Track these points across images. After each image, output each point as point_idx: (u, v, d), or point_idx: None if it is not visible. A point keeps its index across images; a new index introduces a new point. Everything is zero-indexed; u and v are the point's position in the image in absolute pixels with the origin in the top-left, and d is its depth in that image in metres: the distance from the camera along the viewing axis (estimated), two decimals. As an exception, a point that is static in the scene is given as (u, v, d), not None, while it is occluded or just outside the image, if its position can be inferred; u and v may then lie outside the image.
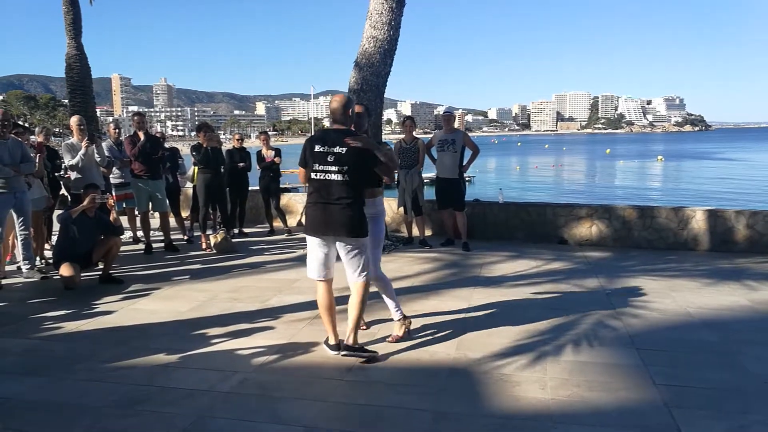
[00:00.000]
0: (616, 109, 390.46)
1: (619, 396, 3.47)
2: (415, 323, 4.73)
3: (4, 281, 6.20)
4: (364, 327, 4.56)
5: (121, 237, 6.64)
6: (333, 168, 3.82)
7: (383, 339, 4.39)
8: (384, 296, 4.44)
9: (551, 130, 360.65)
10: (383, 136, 8.69)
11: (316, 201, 3.93)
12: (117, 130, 8.98)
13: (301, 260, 7.42)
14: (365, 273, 4.00)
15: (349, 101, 4.03)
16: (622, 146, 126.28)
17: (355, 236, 3.90)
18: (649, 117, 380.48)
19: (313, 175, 3.91)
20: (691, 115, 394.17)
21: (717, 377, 3.73)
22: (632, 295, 5.70)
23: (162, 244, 8.01)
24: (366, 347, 4.11)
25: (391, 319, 4.46)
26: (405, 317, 4.45)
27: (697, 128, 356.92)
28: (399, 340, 4.35)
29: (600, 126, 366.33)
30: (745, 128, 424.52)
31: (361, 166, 3.83)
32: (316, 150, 3.88)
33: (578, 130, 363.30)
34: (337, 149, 3.81)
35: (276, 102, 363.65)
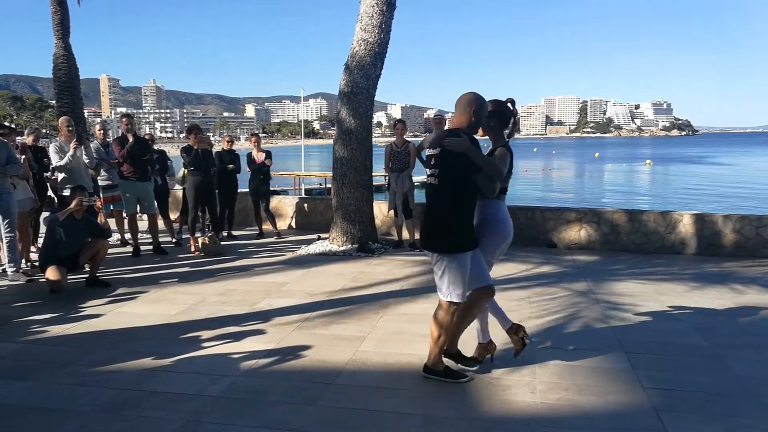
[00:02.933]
0: (604, 113, 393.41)
1: (608, 400, 3.48)
2: (405, 327, 4.73)
3: (-12, 284, 6.13)
4: (485, 356, 3.93)
5: (109, 239, 6.58)
6: (433, 171, 3.49)
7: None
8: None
9: (540, 134, 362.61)
10: (374, 139, 8.69)
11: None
12: (102, 131, 8.91)
13: (291, 263, 7.42)
14: (448, 296, 3.51)
15: (473, 100, 3.44)
16: (610, 150, 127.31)
17: (436, 251, 3.49)
18: (637, 121, 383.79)
19: None
20: (679, 119, 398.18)
21: (705, 381, 3.76)
22: (620, 298, 5.73)
23: (150, 247, 7.95)
24: (451, 369, 3.74)
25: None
26: (490, 342, 4.01)
27: (684, 133, 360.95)
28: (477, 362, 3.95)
29: (589, 130, 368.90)
30: (732, 133, 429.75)
31: (452, 171, 3.38)
32: (426, 153, 3.62)
33: (567, 134, 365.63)
34: (435, 151, 3.46)
35: (266, 104, 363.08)
